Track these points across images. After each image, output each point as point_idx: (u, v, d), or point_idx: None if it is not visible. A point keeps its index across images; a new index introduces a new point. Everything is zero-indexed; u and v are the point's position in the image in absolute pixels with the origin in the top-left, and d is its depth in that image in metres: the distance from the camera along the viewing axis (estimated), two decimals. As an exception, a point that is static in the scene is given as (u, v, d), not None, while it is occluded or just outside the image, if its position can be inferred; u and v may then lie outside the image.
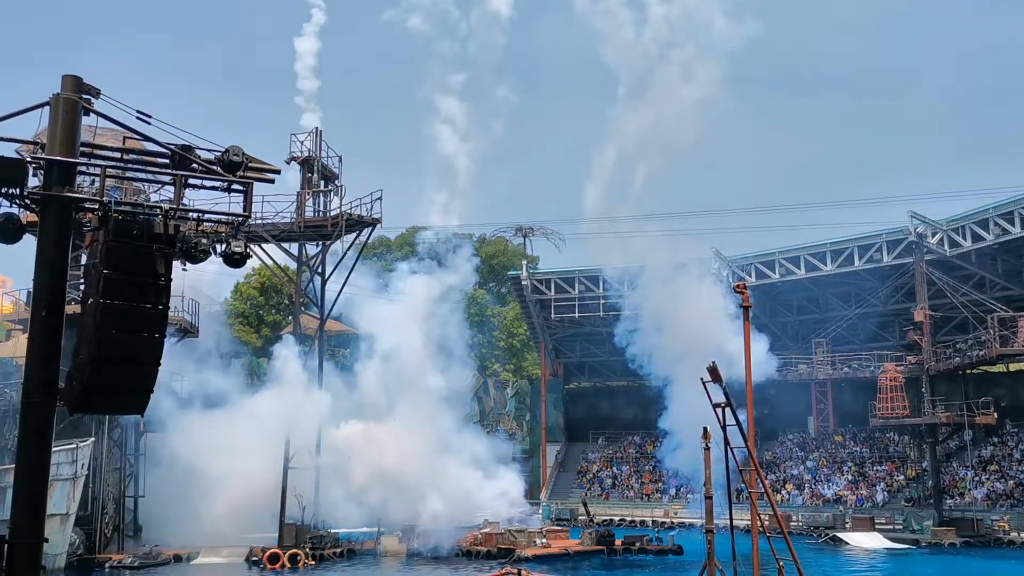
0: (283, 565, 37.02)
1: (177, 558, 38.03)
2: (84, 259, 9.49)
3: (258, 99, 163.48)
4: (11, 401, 37.18)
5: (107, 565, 36.45)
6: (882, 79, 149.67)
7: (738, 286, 18.08)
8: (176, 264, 8.73)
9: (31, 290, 8.42)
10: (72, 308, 12.99)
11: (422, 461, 42.27)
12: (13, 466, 8.39)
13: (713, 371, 14.81)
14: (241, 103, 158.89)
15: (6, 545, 7.69)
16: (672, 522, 51.70)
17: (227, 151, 9.02)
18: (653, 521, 53.13)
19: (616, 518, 55.16)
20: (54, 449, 8.47)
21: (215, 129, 9.44)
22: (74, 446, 34.53)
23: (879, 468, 55.43)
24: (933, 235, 50.19)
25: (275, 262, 45.01)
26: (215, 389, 42.59)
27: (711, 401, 15.33)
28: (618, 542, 40.55)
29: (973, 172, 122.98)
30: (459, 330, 49.31)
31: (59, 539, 33.21)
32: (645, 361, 50.46)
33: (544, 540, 40.52)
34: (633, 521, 54.88)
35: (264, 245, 42.64)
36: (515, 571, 15.70)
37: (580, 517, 46.79)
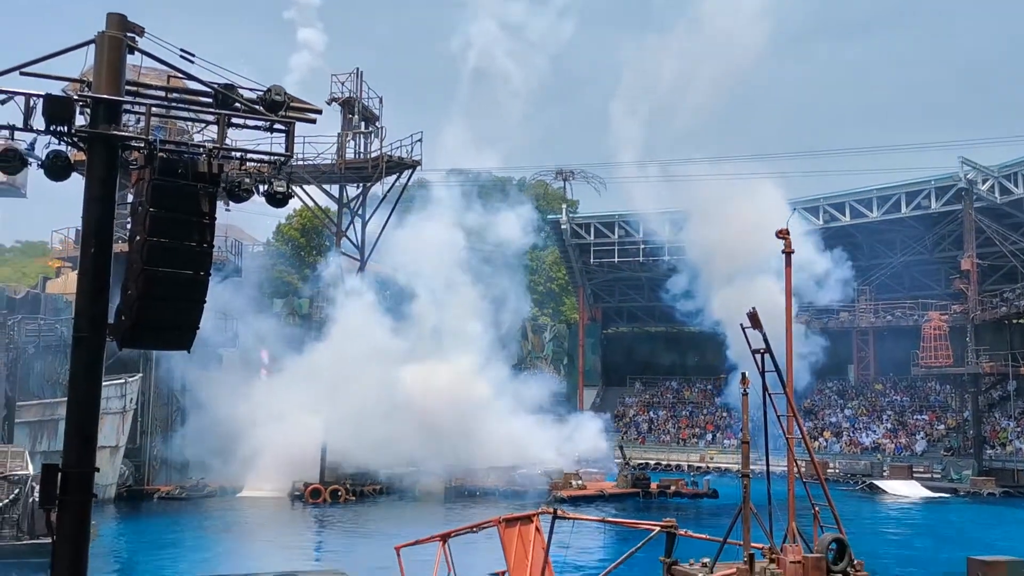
0: (324, 500, 38.03)
1: (222, 490, 39.26)
2: (130, 198, 9.60)
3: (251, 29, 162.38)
4: (62, 336, 38.21)
5: (155, 496, 37.75)
6: (939, 16, 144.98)
7: (780, 232, 17.75)
8: (219, 204, 8.79)
9: (80, 228, 8.55)
10: (120, 246, 13.20)
11: (469, 404, 42.43)
12: (65, 399, 8.61)
13: (753, 317, 14.68)
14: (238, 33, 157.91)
15: (60, 474, 7.95)
16: (708, 466, 51.96)
17: (269, 90, 9.01)
18: (689, 466, 53.43)
19: (652, 462, 55.56)
20: (104, 383, 8.67)
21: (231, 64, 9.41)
22: (123, 381, 35.58)
23: (919, 417, 55.00)
24: (984, 182, 48.91)
25: (316, 203, 45.25)
26: (258, 328, 43.23)
27: (751, 347, 15.21)
28: (653, 485, 40.91)
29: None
30: (511, 272, 49.26)
31: (109, 470, 34.44)
32: (700, 302, 49.59)
33: (580, 482, 41.00)
34: (669, 465, 55.25)
35: (305, 187, 42.84)
36: (551, 511, 15.90)
37: (616, 460, 47.13)
